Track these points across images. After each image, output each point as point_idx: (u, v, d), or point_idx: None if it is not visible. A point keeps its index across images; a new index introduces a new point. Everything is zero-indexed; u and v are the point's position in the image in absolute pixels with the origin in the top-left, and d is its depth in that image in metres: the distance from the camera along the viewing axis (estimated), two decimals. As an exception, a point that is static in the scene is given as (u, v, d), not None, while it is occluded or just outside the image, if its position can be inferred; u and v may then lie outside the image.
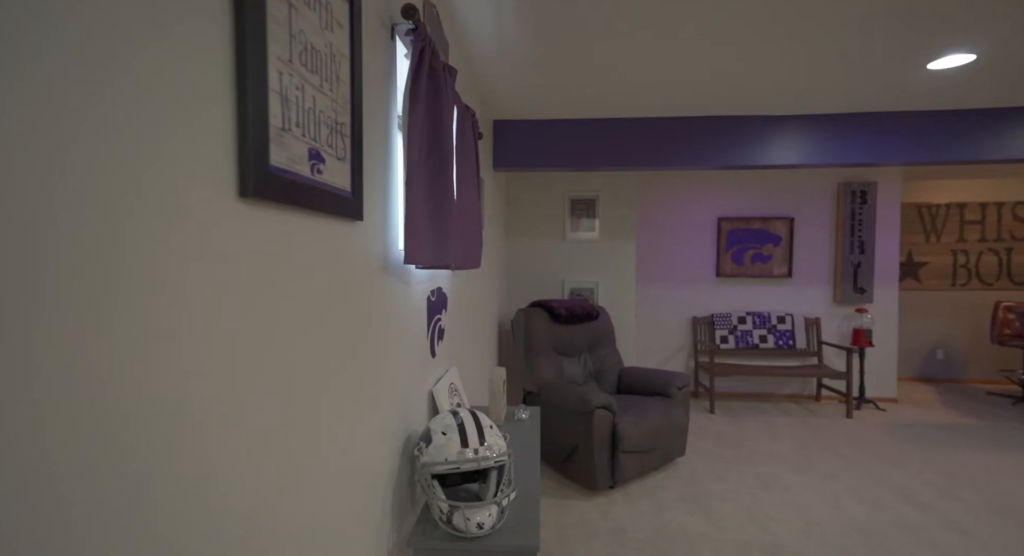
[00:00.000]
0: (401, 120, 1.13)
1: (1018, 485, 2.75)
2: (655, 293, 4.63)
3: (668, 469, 2.97)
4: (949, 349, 5.10)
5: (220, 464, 0.55)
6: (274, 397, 0.65)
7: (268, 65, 0.58)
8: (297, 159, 0.67)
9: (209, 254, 0.53)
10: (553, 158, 2.92)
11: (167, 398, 0.48)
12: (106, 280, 0.41)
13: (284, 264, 0.68)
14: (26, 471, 0.36)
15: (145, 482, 0.46)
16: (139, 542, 0.45)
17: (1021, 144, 2.63)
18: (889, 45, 1.91)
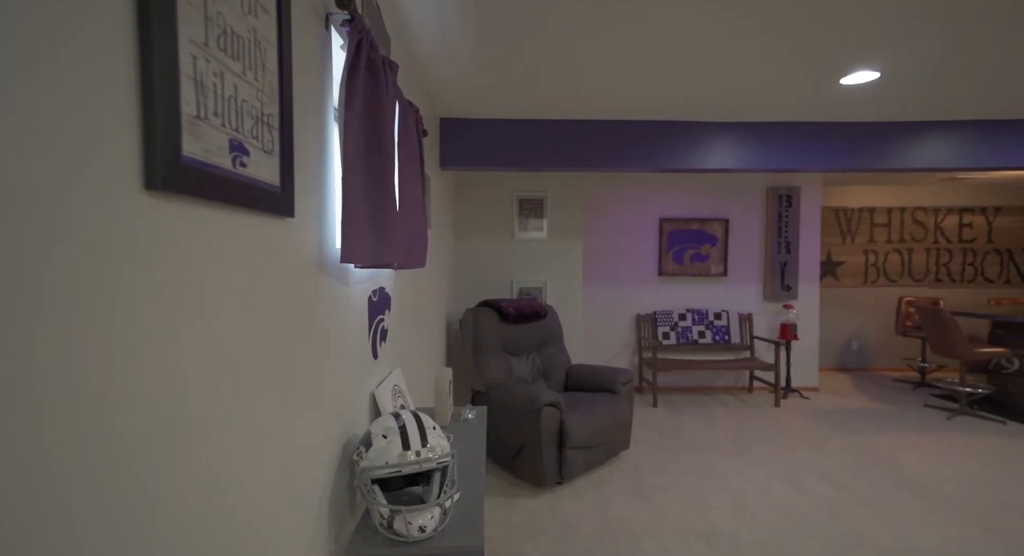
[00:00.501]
0: (337, 114, 1.09)
1: (917, 461, 3.06)
2: (601, 292, 4.76)
3: (613, 463, 3.06)
4: (862, 341, 5.59)
5: (125, 481, 0.51)
6: (189, 408, 0.60)
7: (179, 47, 0.54)
8: (216, 150, 0.63)
9: (109, 252, 0.48)
10: (501, 158, 2.92)
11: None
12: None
13: (201, 263, 0.63)
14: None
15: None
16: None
17: (919, 155, 2.93)
18: (807, 61, 2.06)
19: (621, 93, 2.46)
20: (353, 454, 1.14)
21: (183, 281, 0.59)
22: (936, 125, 2.92)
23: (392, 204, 1.27)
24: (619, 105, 2.65)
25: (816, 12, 1.66)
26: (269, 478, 0.81)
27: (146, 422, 0.53)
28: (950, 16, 1.69)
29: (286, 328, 0.88)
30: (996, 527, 2.31)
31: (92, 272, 0.46)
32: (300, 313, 0.94)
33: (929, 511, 2.46)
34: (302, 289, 0.95)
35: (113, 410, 0.49)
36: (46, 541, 0.39)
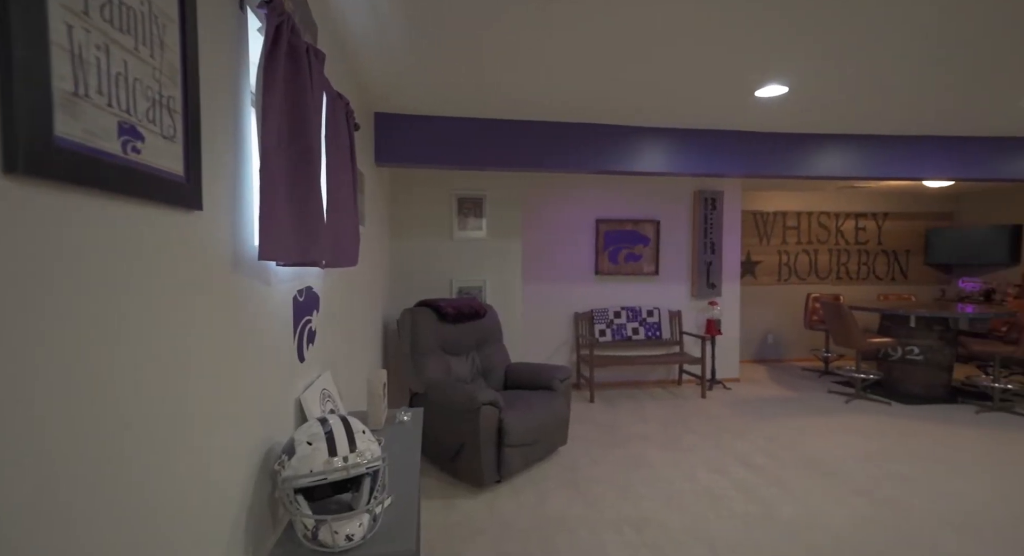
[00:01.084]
0: (255, 101, 1.02)
1: (821, 442, 3.37)
2: (541, 291, 4.83)
3: (551, 459, 3.11)
4: (776, 334, 6.09)
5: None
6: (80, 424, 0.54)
7: (48, 13, 0.47)
8: (101, 133, 0.56)
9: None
10: (439, 155, 2.88)
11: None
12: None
13: (81, 259, 0.56)
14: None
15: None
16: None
17: (822, 164, 3.23)
18: (726, 73, 2.21)
19: (559, 95, 2.50)
20: (275, 464, 1.07)
21: (58, 279, 0.52)
22: (837, 138, 3.23)
23: (318, 199, 1.21)
24: (558, 106, 2.70)
25: (732, 30, 1.78)
26: (171, 498, 0.74)
27: (70, 445, 0.47)
28: (847, 42, 1.87)
29: (193, 332, 0.81)
30: (881, 496, 2.60)
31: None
32: (210, 315, 0.87)
33: (828, 486, 2.72)
34: (212, 288, 0.88)
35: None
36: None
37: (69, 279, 0.54)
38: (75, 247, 0.55)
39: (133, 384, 0.65)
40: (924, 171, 3.28)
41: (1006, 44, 1.89)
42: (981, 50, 1.95)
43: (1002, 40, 1.86)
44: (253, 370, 1.07)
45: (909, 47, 1.93)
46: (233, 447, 0.97)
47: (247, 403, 1.04)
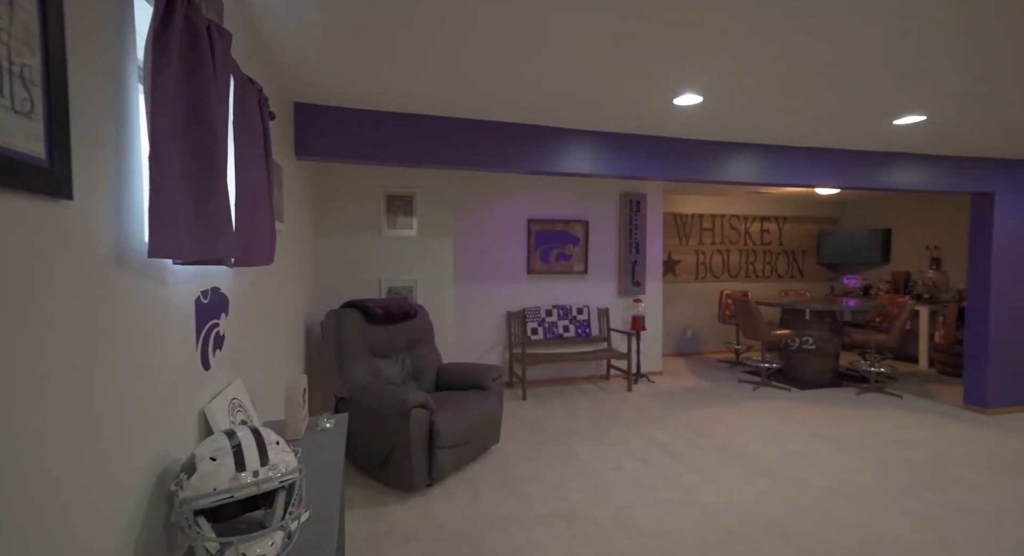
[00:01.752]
0: (143, 80, 0.90)
1: (733, 428, 3.66)
2: (473, 290, 4.81)
3: (484, 458, 3.11)
4: (694, 329, 6.52)
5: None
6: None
7: None
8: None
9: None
10: (366, 151, 2.76)
11: None
12: None
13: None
14: None
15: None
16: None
17: (733, 170, 3.50)
18: (648, 81, 2.32)
19: (491, 93, 2.49)
20: (171, 484, 0.96)
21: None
22: (745, 146, 3.51)
23: (224, 191, 1.11)
24: (490, 105, 2.69)
25: (651, 42, 1.87)
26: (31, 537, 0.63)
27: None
28: (752, 60, 2.04)
29: (55, 339, 0.70)
30: (781, 474, 2.86)
31: None
32: (81, 319, 0.76)
33: (738, 468, 2.95)
34: (85, 288, 0.77)
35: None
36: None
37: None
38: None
39: (14, 403, 0.55)
40: (816, 180, 3.66)
41: (878, 74, 2.16)
42: (859, 78, 2.21)
43: (875, 70, 2.12)
44: (141, 381, 0.95)
45: (802, 70, 2.14)
46: (118, 470, 0.85)
47: (134, 419, 0.92)
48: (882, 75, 2.24)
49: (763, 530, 2.27)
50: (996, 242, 4.03)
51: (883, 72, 2.21)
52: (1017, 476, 2.86)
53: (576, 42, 1.91)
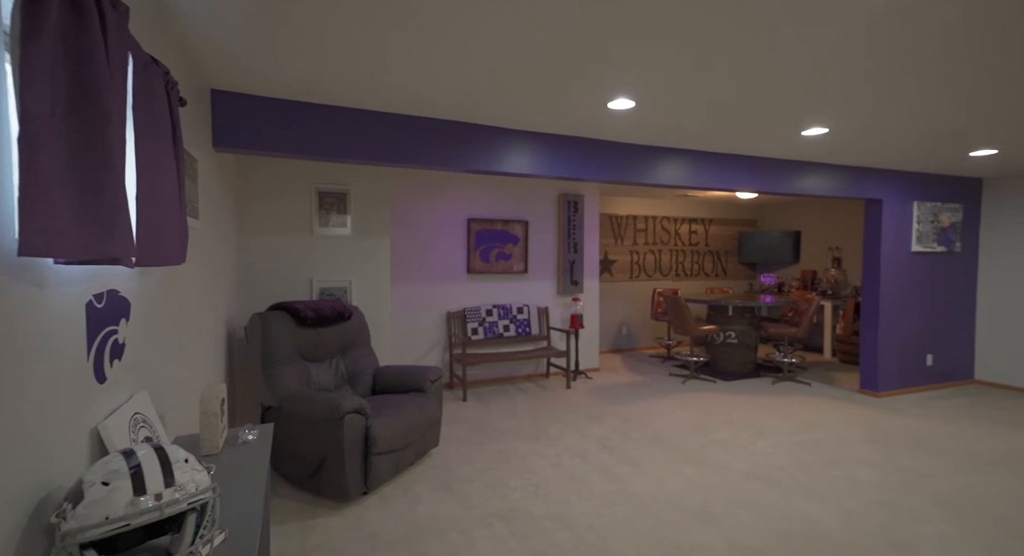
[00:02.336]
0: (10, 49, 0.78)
1: (664, 420, 3.84)
2: (411, 290, 4.70)
3: (423, 462, 3.04)
4: (629, 325, 6.79)
5: None
6: None
7: None
8: None
9: None
10: (294, 144, 2.61)
11: None
12: None
13: None
14: None
15: None
16: None
17: (664, 174, 3.68)
18: (583, 83, 2.37)
19: (429, 89, 2.44)
20: (52, 516, 0.84)
21: None
22: (675, 151, 3.70)
23: (118, 182, 0.99)
24: (429, 101, 2.63)
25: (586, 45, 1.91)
26: None
27: None
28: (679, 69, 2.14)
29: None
30: (706, 461, 3.05)
31: None
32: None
33: (668, 458, 3.10)
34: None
35: None
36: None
37: None
38: None
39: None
40: (737, 184, 3.93)
41: (791, 90, 2.36)
42: (777, 92, 2.40)
43: (788, 86, 2.31)
44: (12, 398, 0.83)
45: (725, 84, 2.29)
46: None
47: (8, 440, 0.80)
48: (794, 91, 2.44)
49: (690, 515, 2.40)
50: (884, 244, 4.53)
51: (795, 88, 2.40)
52: (900, 451, 3.23)
53: (511, 43, 1.91)
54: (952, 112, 2.78)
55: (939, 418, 3.93)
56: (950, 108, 2.71)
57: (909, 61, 2.06)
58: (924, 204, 4.67)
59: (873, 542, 2.18)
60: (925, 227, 4.68)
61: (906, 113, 2.80)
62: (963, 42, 1.88)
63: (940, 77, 2.24)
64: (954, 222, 4.85)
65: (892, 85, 2.35)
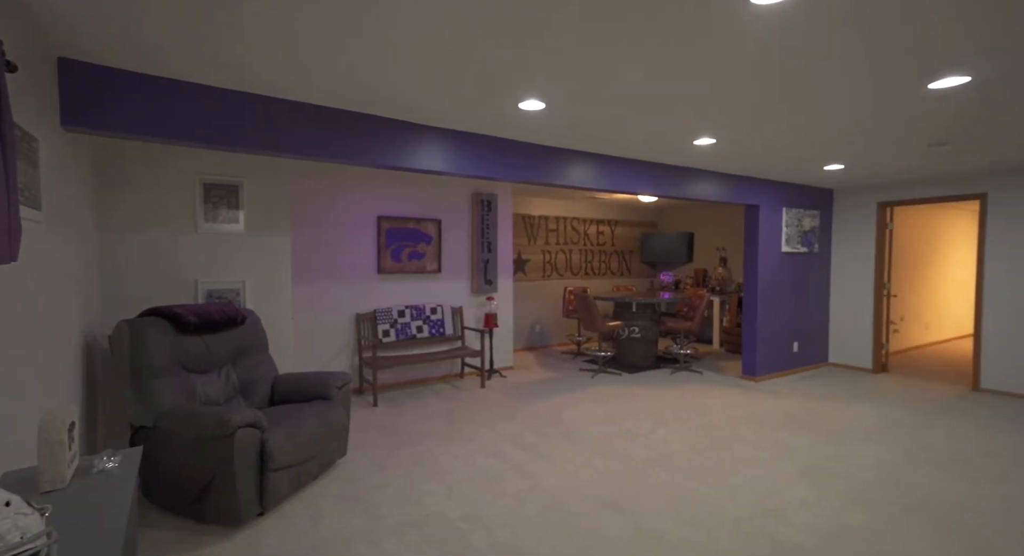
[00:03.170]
0: None
1: (575, 414, 3.99)
2: (316, 292, 4.41)
3: (329, 474, 2.86)
4: (542, 324, 6.97)
5: None
6: None
7: None
8: None
9: None
10: (166, 127, 2.29)
11: None
12: None
13: None
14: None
15: None
16: None
17: (573, 175, 3.81)
18: (492, 82, 2.37)
19: (336, 76, 2.28)
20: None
21: None
22: (584, 154, 3.85)
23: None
24: (334, 90, 2.45)
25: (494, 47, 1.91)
26: None
27: None
28: (587, 75, 2.22)
29: None
30: (613, 451, 3.21)
31: None
32: None
33: (578, 450, 3.22)
34: None
35: None
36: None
37: None
38: None
39: None
40: (639, 188, 4.19)
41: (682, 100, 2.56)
42: (671, 103, 2.59)
43: (680, 96, 2.51)
44: None
45: (624, 91, 2.42)
46: None
47: None
48: (685, 103, 2.65)
49: (598, 505, 2.51)
50: (761, 245, 5.10)
51: (686, 100, 2.60)
52: (774, 428, 3.66)
53: (420, 40, 1.85)
54: (810, 134, 3.20)
55: (804, 397, 4.52)
56: (808, 131, 3.11)
57: (777, 87, 2.33)
58: (791, 210, 5.34)
59: (752, 512, 2.44)
60: (792, 230, 5.36)
61: (775, 130, 3.17)
62: (812, 82, 2.16)
63: (802, 103, 2.57)
64: (813, 226, 5.61)
65: (764, 106, 2.65)
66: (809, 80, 2.28)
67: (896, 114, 2.82)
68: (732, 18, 1.71)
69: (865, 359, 5.60)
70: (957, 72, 2.18)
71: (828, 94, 2.47)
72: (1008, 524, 2.33)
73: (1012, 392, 4.60)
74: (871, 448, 3.27)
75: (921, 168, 4.49)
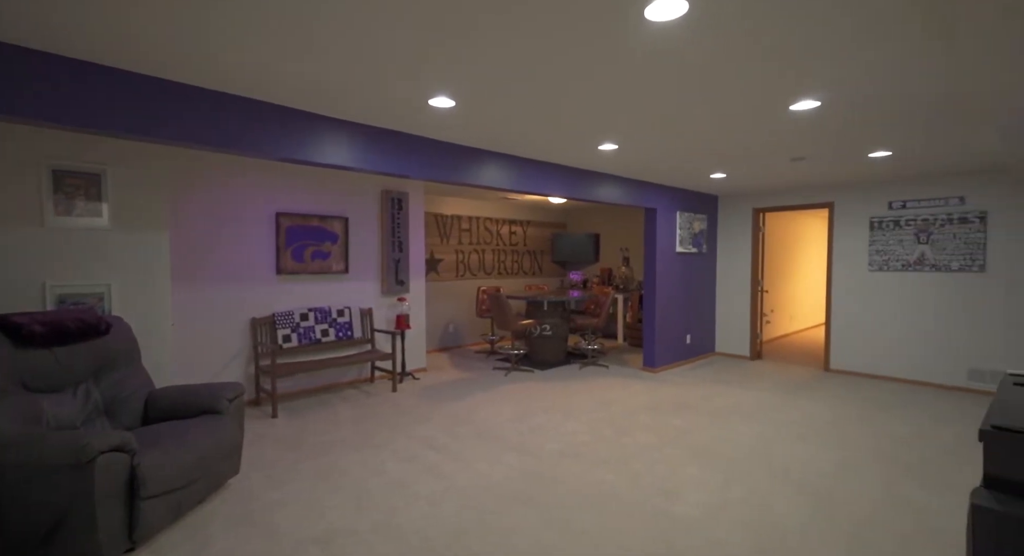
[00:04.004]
0: None
1: (488, 413, 4.01)
2: (202, 295, 3.97)
3: (218, 496, 2.58)
4: (456, 323, 6.93)
5: None
6: None
7: None
8: None
9: None
10: (5, 99, 1.92)
11: None
12: None
13: None
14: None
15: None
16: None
17: (485, 175, 3.83)
18: (402, 74, 2.30)
19: (226, 55, 2.05)
20: None
21: None
22: (496, 155, 3.88)
23: None
24: (223, 71, 2.21)
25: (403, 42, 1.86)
26: None
27: None
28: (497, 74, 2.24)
29: None
30: (524, 447, 3.28)
31: None
32: None
33: (491, 448, 3.25)
34: None
35: None
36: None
37: None
38: None
39: None
40: (549, 189, 4.33)
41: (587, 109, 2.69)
42: (577, 109, 2.70)
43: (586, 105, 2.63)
44: None
45: (532, 96, 2.48)
46: None
47: None
48: (589, 109, 2.78)
49: (512, 501, 2.55)
50: (658, 245, 5.53)
51: (590, 107, 2.73)
52: (670, 414, 3.98)
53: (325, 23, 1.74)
54: (698, 144, 3.53)
55: (695, 384, 4.97)
56: (697, 142, 3.43)
57: (671, 100, 2.53)
58: (684, 214, 5.85)
59: (651, 493, 2.63)
60: (685, 232, 5.87)
61: (670, 139, 3.45)
62: (700, 98, 2.39)
63: (691, 116, 2.82)
64: (702, 229, 6.20)
65: (660, 116, 2.86)
66: (697, 96, 2.51)
67: (766, 131, 3.20)
68: (630, 32, 1.82)
69: (744, 348, 6.31)
70: (810, 97, 2.54)
71: (712, 110, 2.74)
72: (849, 483, 2.76)
73: (854, 371, 5.45)
74: (748, 426, 3.69)
75: (786, 179, 5.15)
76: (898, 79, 2.27)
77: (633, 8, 1.65)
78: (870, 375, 5.34)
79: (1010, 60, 1.49)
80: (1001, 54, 1.43)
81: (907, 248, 5.10)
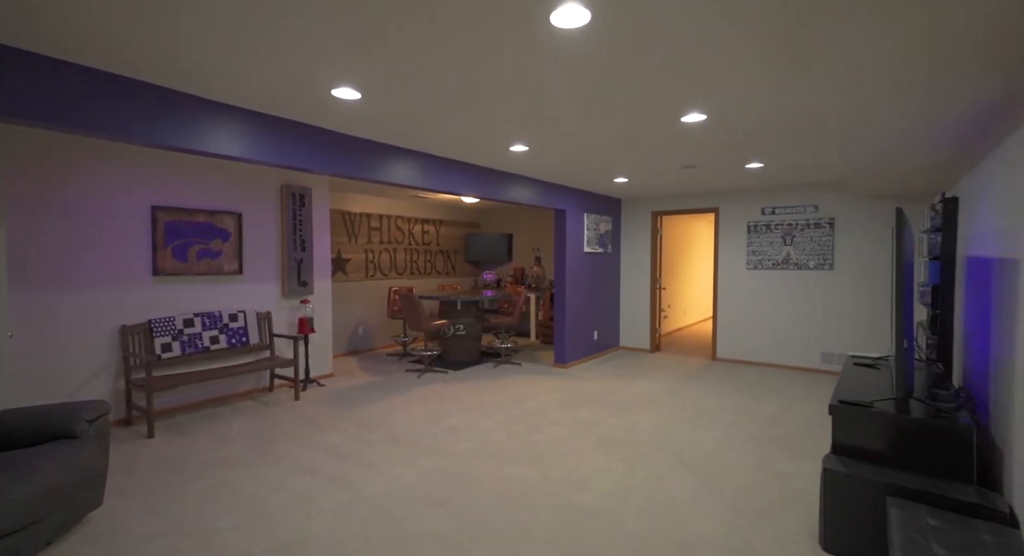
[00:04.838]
0: None
1: (400, 417, 3.89)
2: (56, 300, 3.39)
3: (74, 535, 2.22)
4: (366, 325, 6.64)
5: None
6: None
7: None
8: None
9: None
10: None
11: None
12: None
13: None
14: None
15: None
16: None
17: (394, 172, 3.71)
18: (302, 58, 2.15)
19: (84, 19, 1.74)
20: None
21: None
22: (407, 152, 3.77)
23: None
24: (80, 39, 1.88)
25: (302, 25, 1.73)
26: None
27: None
28: (407, 67, 2.17)
29: None
30: (438, 448, 3.24)
31: None
32: None
33: (403, 452, 3.16)
34: None
35: None
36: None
37: None
38: None
39: None
40: (462, 189, 4.31)
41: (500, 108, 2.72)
42: (484, 108, 2.72)
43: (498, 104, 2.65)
44: None
45: (439, 87, 2.45)
46: None
47: None
48: (498, 106, 2.80)
49: (423, 505, 2.49)
50: (568, 245, 5.76)
51: (498, 104, 2.76)
52: (579, 408, 4.16)
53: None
54: (600, 150, 3.73)
55: (600, 378, 5.25)
56: (599, 147, 3.62)
57: (574, 105, 2.64)
58: (591, 215, 6.15)
59: (561, 486, 2.72)
60: (592, 233, 6.17)
61: (576, 143, 3.60)
62: (601, 105, 2.52)
63: (593, 122, 2.97)
64: (607, 230, 6.56)
65: (565, 120, 2.98)
66: (599, 103, 2.64)
67: (660, 139, 3.47)
68: (537, 36, 1.87)
69: (645, 342, 6.79)
70: (698, 111, 2.79)
71: (612, 117, 2.91)
72: (727, 458, 3.09)
73: (736, 359, 6.11)
74: (647, 415, 3.98)
75: (679, 185, 5.63)
76: (766, 101, 2.59)
77: (540, 12, 1.69)
78: (747, 362, 6.02)
79: (848, 97, 1.78)
80: (843, 91, 1.70)
81: (776, 249, 5.82)
